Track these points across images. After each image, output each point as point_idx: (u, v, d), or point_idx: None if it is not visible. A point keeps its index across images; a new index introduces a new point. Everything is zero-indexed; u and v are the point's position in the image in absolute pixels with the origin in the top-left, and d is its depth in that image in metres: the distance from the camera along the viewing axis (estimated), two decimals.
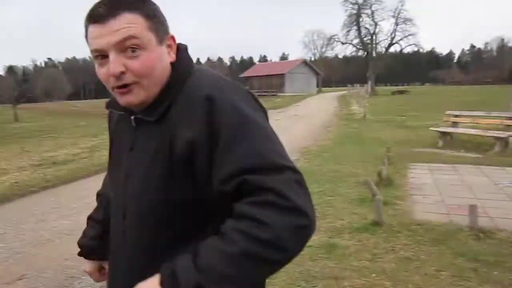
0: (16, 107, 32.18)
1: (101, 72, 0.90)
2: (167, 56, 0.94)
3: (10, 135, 18.91)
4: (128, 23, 0.86)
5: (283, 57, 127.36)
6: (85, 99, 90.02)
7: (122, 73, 0.87)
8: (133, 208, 0.95)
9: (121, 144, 1.04)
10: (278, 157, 0.84)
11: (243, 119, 0.85)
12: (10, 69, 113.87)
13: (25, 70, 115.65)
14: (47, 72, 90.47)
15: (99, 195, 1.28)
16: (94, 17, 0.87)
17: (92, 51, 0.89)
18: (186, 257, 0.80)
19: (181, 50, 0.99)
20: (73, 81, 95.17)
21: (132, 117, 0.98)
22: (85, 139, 14.40)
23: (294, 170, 0.83)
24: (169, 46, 0.95)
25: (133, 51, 0.87)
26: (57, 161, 9.30)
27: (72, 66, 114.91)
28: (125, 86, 0.89)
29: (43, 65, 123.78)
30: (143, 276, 0.83)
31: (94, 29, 0.87)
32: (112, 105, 1.03)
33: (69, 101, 69.31)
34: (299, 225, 0.78)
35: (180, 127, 0.88)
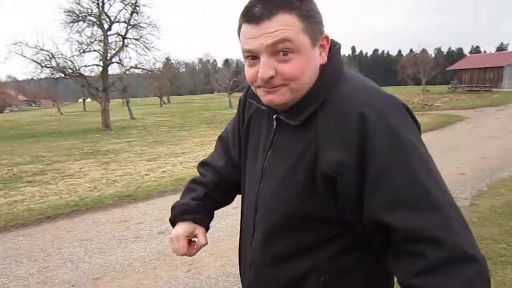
0: (231, 95, 37.00)
1: (250, 72, 0.87)
2: (318, 58, 0.88)
3: (225, 121, 21.70)
4: (283, 26, 0.81)
5: (501, 48, 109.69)
6: None
7: (272, 77, 0.84)
8: (265, 209, 0.94)
9: (258, 139, 1.01)
10: (438, 190, 0.76)
11: (400, 144, 0.77)
12: (226, 62, 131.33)
13: (238, 62, 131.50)
14: None
15: (205, 164, 1.21)
16: (249, 17, 0.83)
17: (244, 50, 0.86)
18: None
19: (334, 51, 0.92)
20: None
21: (274, 116, 0.94)
22: None
23: (453, 204, 0.76)
24: (321, 46, 0.89)
25: (284, 55, 0.83)
26: None
27: None
28: (272, 87, 0.86)
29: None
30: (268, 278, 0.92)
31: (248, 29, 0.84)
32: (254, 97, 0.98)
33: None
34: (482, 274, 0.72)
35: (328, 141, 0.82)
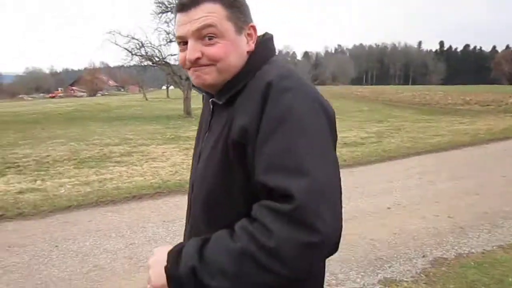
0: None
1: (181, 56, 0.96)
2: (245, 45, 0.96)
3: None
4: (207, 13, 0.90)
5: None
6: (367, 85, 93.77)
7: (198, 58, 0.92)
8: (196, 187, 1.02)
9: (201, 126, 1.11)
10: (308, 159, 0.80)
11: (289, 113, 0.83)
12: (305, 54, 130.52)
13: (317, 55, 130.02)
14: (336, 57, 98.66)
15: None
16: (180, 6, 0.93)
17: (176, 37, 0.95)
18: (196, 241, 0.85)
19: (263, 40, 1.00)
20: (357, 67, 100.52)
21: (210, 100, 1.02)
22: (369, 124, 14.97)
23: (321, 177, 0.78)
24: (249, 35, 0.97)
25: (210, 39, 0.91)
26: (348, 142, 9.98)
27: (358, 53, 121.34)
28: (199, 66, 0.93)
29: (333, 51, 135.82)
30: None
31: (179, 17, 0.94)
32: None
33: (352, 86, 73.80)
34: (305, 242, 0.74)
35: (239, 112, 0.89)
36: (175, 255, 0.86)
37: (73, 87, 77.96)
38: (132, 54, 19.85)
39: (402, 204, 5.01)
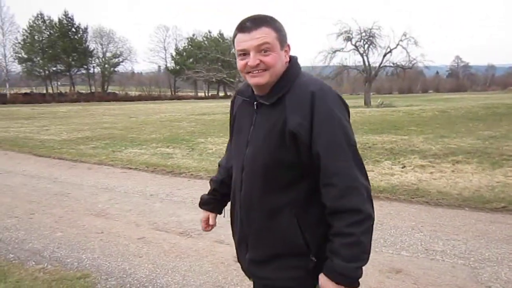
0: None
1: (242, 63, 1.47)
2: (284, 58, 1.51)
3: None
4: (265, 34, 1.43)
5: None
6: None
7: (257, 64, 1.44)
8: (249, 165, 1.53)
9: (244, 121, 1.60)
10: (347, 146, 1.43)
11: (330, 114, 1.42)
12: None
13: None
14: None
15: (219, 165, 1.93)
16: (243, 28, 1.46)
17: (238, 50, 1.47)
18: (333, 261, 1.40)
19: (293, 58, 1.56)
20: None
21: (255, 103, 1.54)
22: None
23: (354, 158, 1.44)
24: (286, 51, 1.52)
25: (265, 52, 1.44)
26: None
27: None
28: (258, 71, 1.46)
29: None
30: (255, 209, 1.54)
31: (241, 36, 1.46)
32: (241, 93, 1.64)
33: None
34: (369, 225, 1.42)
35: (292, 112, 1.43)
36: (340, 277, 1.39)
37: None
38: None
39: None
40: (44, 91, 60.21)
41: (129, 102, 50.37)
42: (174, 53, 73.47)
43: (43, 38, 59.99)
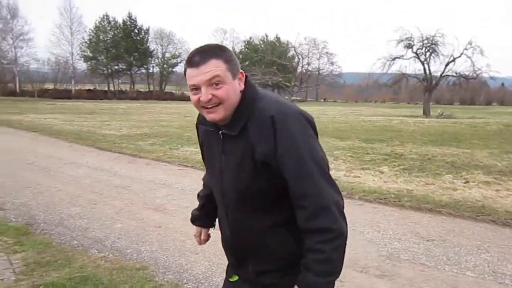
0: None
1: (195, 98, 1.44)
2: (238, 87, 1.46)
3: None
4: (214, 67, 1.38)
5: None
6: None
7: (210, 99, 1.40)
8: (229, 192, 1.55)
9: (213, 150, 1.59)
10: (314, 165, 1.42)
11: (293, 139, 1.40)
12: None
13: None
14: None
15: (203, 180, 1.93)
16: (191, 63, 1.41)
17: (190, 85, 1.43)
18: (306, 275, 1.42)
19: (248, 81, 1.50)
20: None
21: (220, 132, 1.51)
22: None
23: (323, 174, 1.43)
24: (240, 79, 1.47)
25: (216, 85, 1.40)
26: None
27: None
28: (211, 106, 1.42)
29: None
30: (246, 231, 1.56)
31: (191, 71, 1.41)
32: (202, 122, 1.62)
33: None
34: (340, 244, 1.42)
35: (257, 140, 1.42)
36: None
37: None
38: None
39: None
40: (106, 88, 63.14)
41: (185, 102, 51.64)
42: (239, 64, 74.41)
43: (108, 38, 62.83)
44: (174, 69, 70.92)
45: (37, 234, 4.44)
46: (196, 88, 1.42)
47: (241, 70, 1.48)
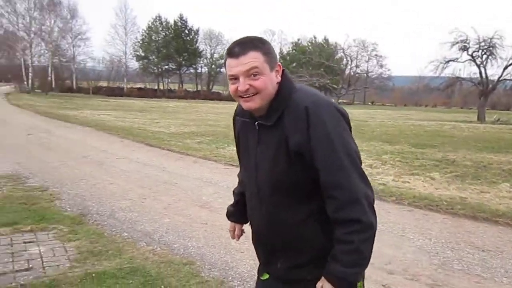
0: None
1: (232, 87, 1.49)
2: (275, 79, 1.51)
3: None
4: (253, 59, 1.45)
5: None
6: None
7: (247, 89, 1.46)
8: (264, 184, 1.57)
9: (249, 141, 1.62)
10: (346, 158, 1.43)
11: (327, 131, 1.42)
12: None
13: None
14: None
15: (239, 177, 1.96)
16: (231, 54, 1.47)
17: (229, 75, 1.49)
18: (333, 266, 1.45)
19: (285, 73, 1.55)
20: None
21: (256, 123, 1.56)
22: None
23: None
24: (277, 71, 1.52)
25: (254, 76, 1.46)
26: None
27: None
28: (248, 96, 1.47)
29: None
30: (279, 224, 1.58)
31: (230, 61, 1.48)
32: (240, 114, 1.68)
33: None
34: (368, 236, 1.45)
35: (291, 131, 1.45)
36: (340, 281, 1.44)
37: None
38: None
39: None
40: (156, 87, 65.13)
41: (232, 102, 52.15)
42: (278, 57, 74.69)
43: (159, 38, 64.68)
44: (222, 70, 71.90)
45: (90, 224, 4.63)
46: (235, 78, 1.49)
47: (278, 63, 1.54)
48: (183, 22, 66.28)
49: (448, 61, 34.84)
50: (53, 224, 4.48)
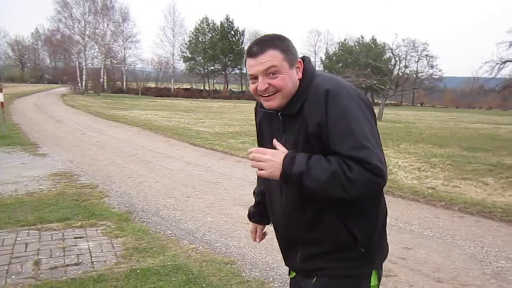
0: None
1: (253, 87, 1.52)
2: (296, 75, 1.52)
3: None
4: (271, 57, 1.46)
5: None
6: None
7: (267, 88, 1.48)
8: None
9: (273, 132, 1.62)
10: (364, 138, 1.39)
11: (345, 110, 1.41)
12: None
13: None
14: None
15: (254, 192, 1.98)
16: (250, 53, 1.49)
17: (249, 74, 1.51)
18: (304, 156, 1.42)
19: (306, 63, 1.56)
20: None
21: (279, 113, 1.56)
22: None
23: (373, 147, 1.38)
24: (297, 67, 1.52)
25: (273, 74, 1.47)
26: None
27: None
28: (268, 95, 1.50)
29: None
30: (299, 215, 1.58)
31: (250, 61, 1.50)
32: (262, 105, 1.62)
33: None
34: (373, 180, 1.37)
35: (311, 114, 1.45)
36: (290, 160, 1.42)
37: None
38: None
39: None
40: (202, 88, 66.38)
41: None
42: (323, 57, 74.02)
43: (206, 39, 65.86)
44: None
45: (136, 221, 4.76)
46: (254, 77, 1.50)
47: (299, 59, 1.54)
48: (230, 23, 67.05)
49: (505, 62, 33.06)
50: (101, 221, 4.65)
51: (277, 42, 1.49)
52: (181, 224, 4.74)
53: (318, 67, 75.44)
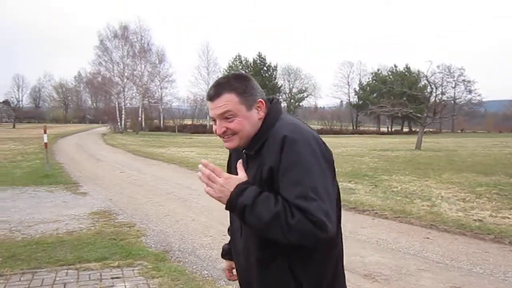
0: None
1: (214, 128, 1.55)
2: (256, 115, 1.52)
3: None
4: (226, 102, 1.47)
5: None
6: None
7: (224, 132, 1.51)
8: None
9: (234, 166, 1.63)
10: (312, 190, 1.36)
11: (298, 157, 1.40)
12: None
13: None
14: None
15: None
16: (208, 96, 1.54)
17: (211, 117, 1.55)
18: (255, 191, 1.41)
19: (273, 104, 1.58)
20: None
21: (243, 151, 1.57)
22: None
23: (321, 201, 1.35)
24: (258, 107, 1.53)
25: (228, 118, 1.48)
26: None
27: None
28: (227, 137, 1.53)
29: None
30: (253, 256, 1.54)
31: (208, 103, 1.54)
32: None
33: None
34: (313, 232, 1.32)
35: (267, 158, 1.45)
36: (239, 191, 1.41)
37: None
38: None
39: None
40: None
41: None
42: (357, 88, 73.93)
43: None
44: (300, 103, 72.55)
45: (172, 261, 4.74)
46: (214, 120, 1.54)
47: (260, 99, 1.53)
48: (262, 59, 68.50)
49: None
50: (138, 260, 4.66)
51: (234, 84, 1.51)
52: (217, 263, 4.67)
53: (352, 98, 75.11)
